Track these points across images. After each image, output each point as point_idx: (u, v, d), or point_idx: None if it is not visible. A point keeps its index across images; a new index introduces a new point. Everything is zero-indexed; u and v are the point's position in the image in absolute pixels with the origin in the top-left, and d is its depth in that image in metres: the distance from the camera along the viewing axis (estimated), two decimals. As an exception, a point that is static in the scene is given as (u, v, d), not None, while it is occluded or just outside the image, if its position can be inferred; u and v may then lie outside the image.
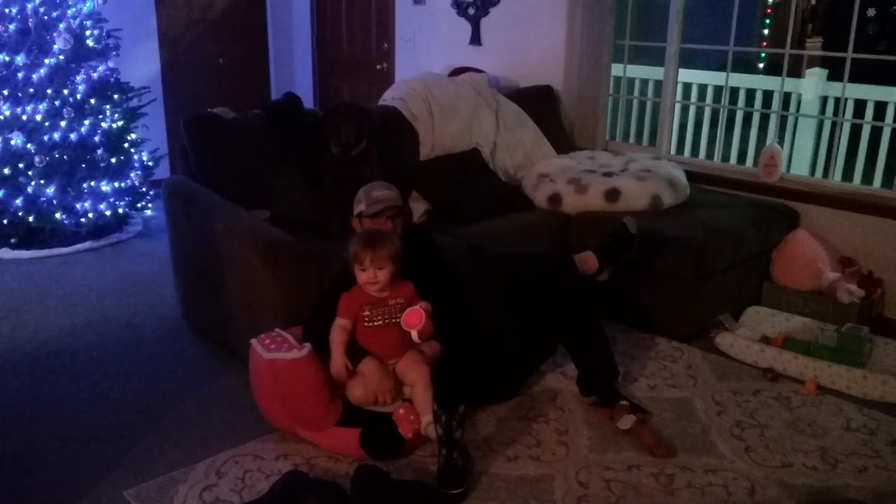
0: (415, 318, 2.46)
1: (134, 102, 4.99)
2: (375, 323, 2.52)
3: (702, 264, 3.38)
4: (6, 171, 4.37)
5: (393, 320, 2.53)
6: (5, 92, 4.38)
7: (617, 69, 4.69)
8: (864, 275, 3.73)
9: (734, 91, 5.23)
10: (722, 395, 3.01)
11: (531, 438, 2.67)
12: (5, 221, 4.44)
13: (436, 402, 2.32)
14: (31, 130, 4.41)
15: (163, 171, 5.25)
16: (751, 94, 5.33)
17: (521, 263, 2.93)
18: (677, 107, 4.66)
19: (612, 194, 3.74)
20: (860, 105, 4.82)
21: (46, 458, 2.51)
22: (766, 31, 8.10)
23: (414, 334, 2.46)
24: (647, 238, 3.39)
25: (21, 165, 4.39)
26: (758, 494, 2.38)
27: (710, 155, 5.24)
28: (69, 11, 4.57)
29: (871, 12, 5.78)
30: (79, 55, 4.61)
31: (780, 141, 4.56)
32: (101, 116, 4.68)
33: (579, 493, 2.37)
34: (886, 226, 3.71)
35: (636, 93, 5.30)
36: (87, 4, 4.68)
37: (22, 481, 2.39)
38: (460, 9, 5.14)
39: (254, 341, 2.56)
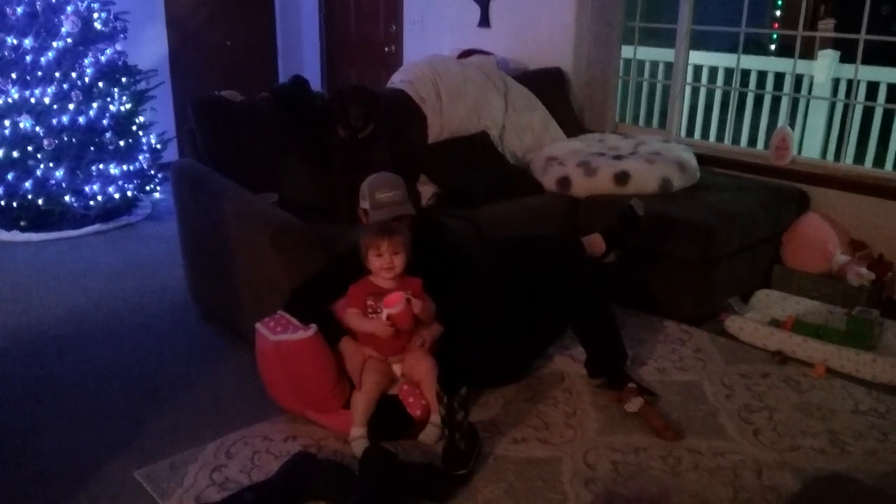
0: (393, 300, 2.42)
1: (142, 85, 4.99)
2: (378, 314, 2.52)
3: (711, 247, 3.36)
4: (15, 154, 4.38)
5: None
6: (14, 75, 4.39)
7: (627, 51, 4.66)
8: (874, 258, 3.71)
9: (745, 73, 5.19)
10: (730, 379, 3.01)
11: (539, 421, 2.67)
12: (15, 204, 4.46)
13: (438, 384, 2.33)
14: (40, 114, 4.42)
15: (171, 154, 5.26)
16: (762, 76, 5.28)
17: (529, 246, 2.93)
18: (688, 89, 4.63)
19: (622, 177, 3.72)
20: (872, 87, 4.78)
21: (56, 439, 2.53)
22: (777, 13, 8.03)
23: (384, 313, 2.44)
24: (657, 221, 3.37)
25: (30, 148, 4.40)
26: (765, 477, 2.38)
27: (720, 138, 5.20)
28: (77, -6, 4.56)
29: (885, -7, 5.71)
30: (86, 38, 4.61)
31: (792, 123, 4.53)
32: (109, 99, 4.69)
33: (587, 474, 2.38)
34: (898, 209, 3.69)
35: (646, 75, 5.26)
36: (95, -13, 4.68)
37: (32, 462, 2.41)
38: (469, -10, 5.10)
39: (258, 325, 2.56)
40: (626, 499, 2.27)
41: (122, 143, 4.74)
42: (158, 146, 5.10)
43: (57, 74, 4.47)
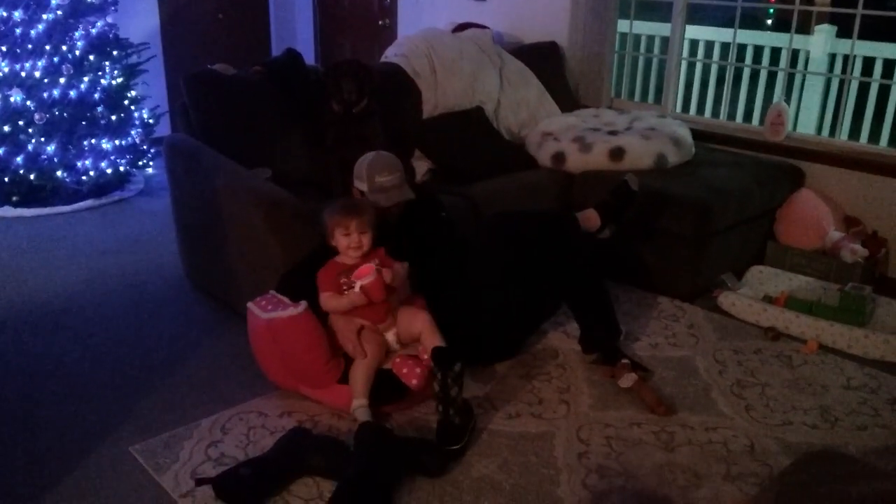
0: (364, 271, 2.44)
1: (133, 59, 4.93)
2: (353, 288, 2.52)
3: (705, 223, 3.37)
4: (6, 128, 4.34)
5: None
6: (3, 48, 4.33)
7: (623, 25, 4.62)
8: (868, 234, 3.72)
9: (741, 48, 5.15)
10: (723, 354, 3.03)
11: (532, 396, 2.69)
12: (6, 179, 4.43)
13: (432, 359, 2.34)
14: (31, 87, 4.37)
15: (164, 129, 5.21)
16: (758, 51, 5.25)
17: (524, 222, 2.92)
18: (683, 64, 4.60)
19: (617, 153, 3.71)
20: (869, 63, 4.75)
21: (52, 416, 2.54)
22: (775, -13, 7.96)
23: (357, 285, 2.44)
24: (651, 197, 3.37)
25: (21, 123, 4.36)
26: (757, 452, 2.41)
27: (715, 113, 5.18)
28: (66, -35, 4.49)
29: (883, -33, 5.66)
30: (77, 10, 4.54)
31: (787, 99, 4.51)
32: (100, 73, 4.64)
33: (580, 449, 2.39)
34: (892, 185, 3.69)
35: (642, 49, 5.23)
36: (84, -42, 4.60)
37: (28, 438, 2.42)
38: (464, -37, 5.05)
39: (250, 304, 2.55)
40: (619, 473, 2.30)
41: (113, 117, 4.69)
42: (151, 120, 5.06)
43: (47, 47, 4.41)
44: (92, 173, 4.59)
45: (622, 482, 2.26)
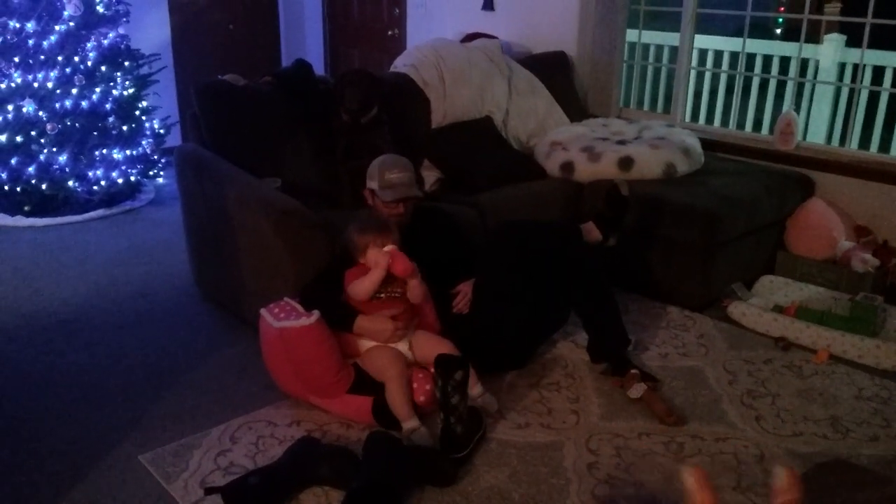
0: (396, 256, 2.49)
1: (145, 70, 4.97)
2: (380, 295, 2.53)
3: (715, 233, 3.36)
4: (18, 138, 4.38)
5: (395, 294, 2.54)
6: (16, 59, 4.37)
7: (632, 35, 4.63)
8: (879, 244, 3.70)
9: (751, 57, 5.15)
10: (733, 364, 3.01)
11: (542, 406, 2.68)
12: (19, 189, 4.46)
13: (434, 366, 2.34)
14: (43, 98, 4.41)
15: (174, 139, 5.25)
16: (767, 60, 5.25)
17: (532, 232, 2.92)
18: (692, 73, 4.60)
19: (626, 162, 3.70)
20: (879, 72, 4.74)
21: (62, 424, 2.55)
22: (784, -4, 7.96)
23: (385, 248, 2.50)
24: (661, 206, 3.36)
25: (33, 133, 4.40)
26: (767, 462, 2.39)
27: (725, 122, 5.18)
28: (78, -23, 4.53)
29: (893, -24, 5.64)
30: (89, 22, 4.59)
31: (797, 108, 4.51)
32: (112, 84, 4.67)
33: (589, 459, 2.39)
34: (903, 194, 3.67)
35: (651, 59, 5.23)
36: (97, -30, 4.65)
37: (38, 447, 2.43)
38: (473, -27, 5.06)
39: (263, 311, 2.56)
40: (628, 484, 2.28)
41: (125, 127, 4.73)
42: (161, 131, 5.09)
43: (59, 58, 4.45)
44: (103, 183, 4.62)
45: (632, 492, 2.25)
